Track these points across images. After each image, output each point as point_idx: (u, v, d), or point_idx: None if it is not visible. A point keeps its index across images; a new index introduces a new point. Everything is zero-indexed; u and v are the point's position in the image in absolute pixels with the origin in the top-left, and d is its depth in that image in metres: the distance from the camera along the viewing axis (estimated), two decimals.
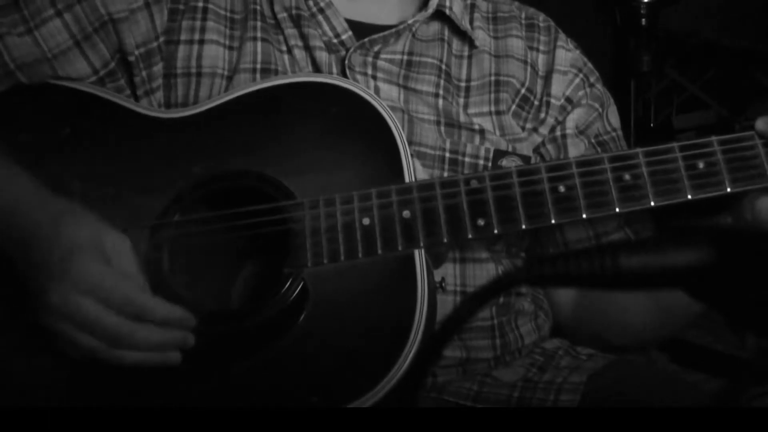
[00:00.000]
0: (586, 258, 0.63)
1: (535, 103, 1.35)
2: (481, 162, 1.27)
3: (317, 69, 1.27)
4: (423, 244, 1.12)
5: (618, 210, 1.13)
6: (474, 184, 1.14)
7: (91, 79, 1.27)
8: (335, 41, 1.29)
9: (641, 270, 0.63)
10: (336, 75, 1.26)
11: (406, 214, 1.13)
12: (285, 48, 1.28)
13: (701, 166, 1.13)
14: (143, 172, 1.20)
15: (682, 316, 1.30)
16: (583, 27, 1.67)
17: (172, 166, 1.19)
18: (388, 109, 1.17)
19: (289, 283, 1.11)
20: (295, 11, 1.29)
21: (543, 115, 1.35)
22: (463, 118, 1.29)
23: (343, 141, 1.19)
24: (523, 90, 1.35)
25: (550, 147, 1.35)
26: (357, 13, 1.31)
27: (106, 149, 1.23)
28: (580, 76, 1.38)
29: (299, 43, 1.28)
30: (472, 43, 1.34)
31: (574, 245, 1.34)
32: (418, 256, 1.12)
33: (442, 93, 1.30)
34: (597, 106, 1.38)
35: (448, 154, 1.27)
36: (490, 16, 1.39)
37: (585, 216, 1.13)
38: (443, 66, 1.31)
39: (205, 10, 1.28)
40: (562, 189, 1.13)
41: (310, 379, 1.11)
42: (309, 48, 1.28)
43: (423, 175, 1.22)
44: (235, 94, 1.21)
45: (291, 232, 1.13)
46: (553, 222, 1.13)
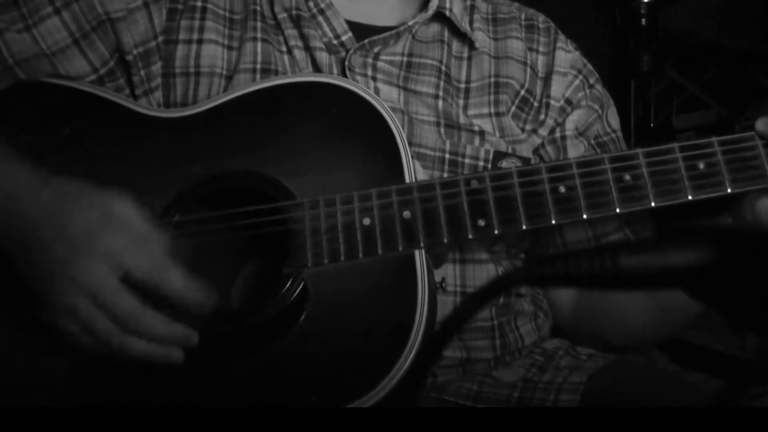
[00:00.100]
0: (586, 258, 0.63)
1: (535, 104, 1.35)
2: (480, 163, 1.27)
3: (317, 70, 1.27)
4: (423, 245, 1.12)
5: (618, 210, 1.13)
6: (474, 184, 1.14)
7: (90, 78, 1.27)
8: (335, 42, 1.29)
9: (641, 270, 0.63)
10: (336, 75, 1.26)
11: (407, 214, 1.13)
12: (285, 48, 1.28)
13: (702, 166, 1.13)
14: (143, 172, 1.20)
15: (682, 316, 1.30)
16: (583, 27, 1.67)
17: (171, 166, 1.19)
18: (388, 108, 1.17)
19: (289, 283, 1.11)
20: (295, 12, 1.29)
21: (542, 116, 1.35)
22: (462, 120, 1.29)
23: (343, 141, 1.19)
24: (522, 91, 1.35)
25: (549, 148, 1.35)
26: (357, 14, 1.31)
27: (106, 149, 1.22)
28: (580, 77, 1.38)
29: (299, 43, 1.28)
30: (471, 45, 1.34)
31: (574, 246, 1.34)
32: (419, 257, 1.12)
33: (441, 94, 1.30)
34: (597, 107, 1.38)
35: (447, 156, 1.27)
36: (489, 17, 1.39)
37: (585, 216, 1.13)
38: (443, 67, 1.31)
39: (203, 10, 1.28)
40: (562, 189, 1.13)
41: (310, 379, 1.11)
42: (309, 49, 1.28)
43: (423, 176, 1.22)
44: (235, 93, 1.21)
45: (291, 232, 1.13)
46: (553, 222, 1.13)
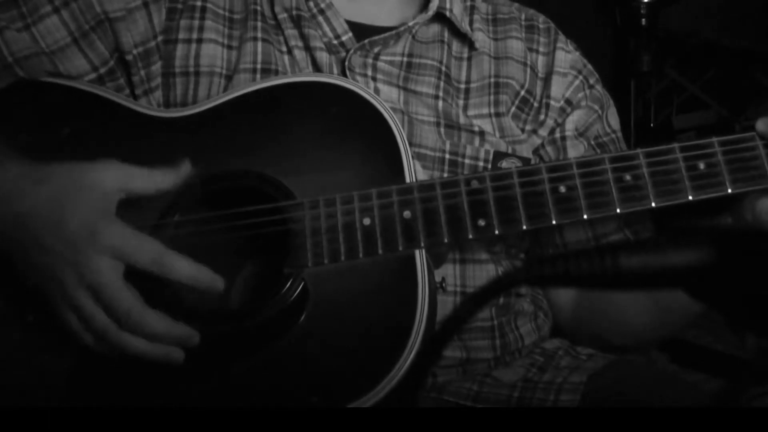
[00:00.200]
0: (586, 258, 0.63)
1: (535, 104, 1.35)
2: (480, 164, 1.27)
3: (317, 70, 1.27)
4: (423, 245, 1.12)
5: (619, 210, 1.13)
6: (474, 184, 1.14)
7: (90, 77, 1.27)
8: (335, 42, 1.29)
9: (641, 270, 0.63)
10: (337, 75, 1.26)
11: (407, 214, 1.13)
12: (285, 48, 1.28)
13: (702, 166, 1.13)
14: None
15: (682, 316, 1.30)
16: (583, 27, 1.67)
17: (171, 165, 1.19)
18: (388, 108, 1.17)
19: (289, 283, 1.11)
20: (295, 12, 1.29)
21: (542, 116, 1.35)
22: (462, 120, 1.29)
23: (343, 141, 1.18)
24: (522, 92, 1.35)
25: (549, 149, 1.35)
26: (357, 14, 1.31)
27: (106, 148, 1.22)
28: (580, 77, 1.38)
29: (299, 43, 1.28)
30: (471, 45, 1.34)
31: (574, 246, 1.34)
32: (419, 257, 1.12)
33: (441, 95, 1.30)
34: (596, 107, 1.38)
35: (448, 156, 1.27)
36: (489, 17, 1.39)
37: (586, 216, 1.13)
38: (443, 68, 1.31)
39: (203, 9, 1.28)
40: (562, 189, 1.13)
41: (310, 379, 1.11)
42: (309, 49, 1.28)
43: (423, 176, 1.22)
44: (235, 93, 1.21)
45: (291, 232, 1.13)
46: (553, 222, 1.13)
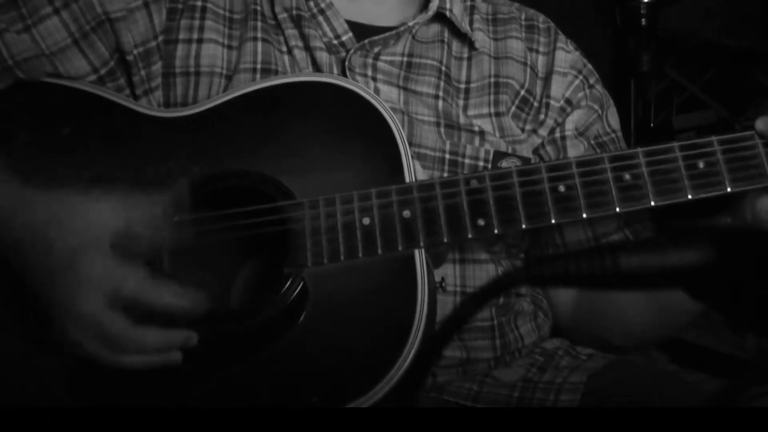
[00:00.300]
0: (586, 258, 0.63)
1: (535, 104, 1.35)
2: (480, 163, 1.27)
3: (317, 70, 1.27)
4: (423, 244, 1.12)
5: (618, 210, 1.13)
6: (474, 184, 1.14)
7: (90, 78, 1.27)
8: (335, 42, 1.29)
9: (641, 270, 0.63)
10: (337, 75, 1.26)
11: (407, 214, 1.13)
12: (285, 48, 1.28)
13: (701, 165, 1.13)
14: (143, 172, 1.20)
15: (682, 316, 1.30)
16: (583, 28, 1.67)
17: (171, 165, 1.19)
18: (388, 108, 1.17)
19: (289, 283, 1.11)
20: (295, 12, 1.29)
21: (542, 116, 1.35)
22: (462, 120, 1.29)
23: (343, 141, 1.18)
24: (522, 91, 1.35)
25: (549, 148, 1.35)
26: (357, 14, 1.31)
27: (106, 149, 1.22)
28: (580, 77, 1.38)
29: (299, 43, 1.28)
30: (471, 45, 1.34)
31: (574, 247, 1.34)
32: (419, 256, 1.12)
33: (441, 94, 1.30)
34: (596, 107, 1.38)
35: (448, 156, 1.27)
36: (489, 17, 1.39)
37: (585, 216, 1.13)
38: (443, 68, 1.31)
39: (203, 9, 1.28)
40: (562, 189, 1.13)
41: (310, 379, 1.11)
42: (309, 49, 1.27)
43: (423, 176, 1.22)
44: (235, 93, 1.21)
45: (291, 232, 1.13)
46: (553, 222, 1.13)
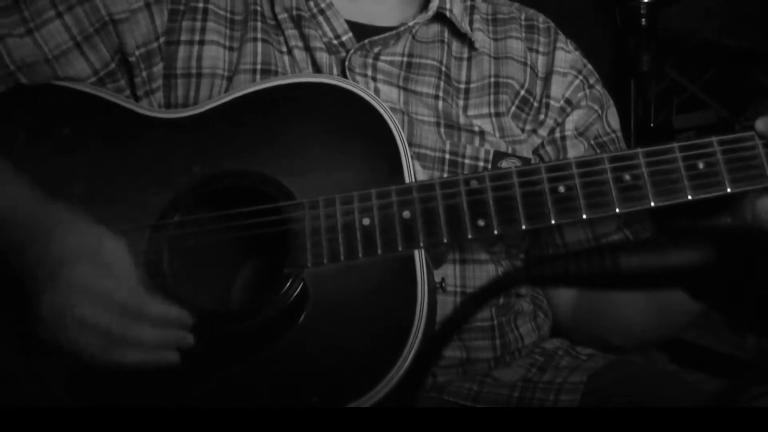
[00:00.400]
0: (586, 258, 0.63)
1: (535, 104, 1.35)
2: (480, 164, 1.27)
3: (318, 70, 1.27)
4: (423, 245, 1.12)
5: (618, 210, 1.13)
6: (474, 184, 1.14)
7: (91, 80, 1.27)
8: (335, 42, 1.29)
9: (641, 270, 0.63)
10: (336, 76, 1.26)
11: (406, 214, 1.13)
12: (285, 49, 1.28)
13: (701, 166, 1.13)
14: (144, 173, 1.20)
15: (682, 316, 1.30)
16: (583, 28, 1.67)
17: (172, 166, 1.19)
18: (388, 109, 1.17)
19: (289, 283, 1.12)
20: (295, 12, 1.29)
21: (542, 116, 1.35)
22: (462, 120, 1.29)
23: (343, 141, 1.19)
24: (522, 91, 1.35)
25: (549, 148, 1.35)
26: (357, 14, 1.31)
27: (106, 150, 1.23)
28: (580, 77, 1.38)
29: (299, 44, 1.28)
30: (471, 45, 1.34)
31: (574, 247, 1.34)
32: (418, 257, 1.12)
33: (441, 95, 1.30)
34: (596, 107, 1.38)
35: (448, 156, 1.27)
36: (489, 17, 1.39)
37: (585, 216, 1.13)
38: (443, 68, 1.31)
39: (205, 11, 1.28)
40: (562, 189, 1.13)
41: (310, 379, 1.11)
42: (309, 49, 1.28)
43: (423, 176, 1.22)
44: (236, 94, 1.21)
45: (291, 232, 1.13)
46: (553, 222, 1.13)
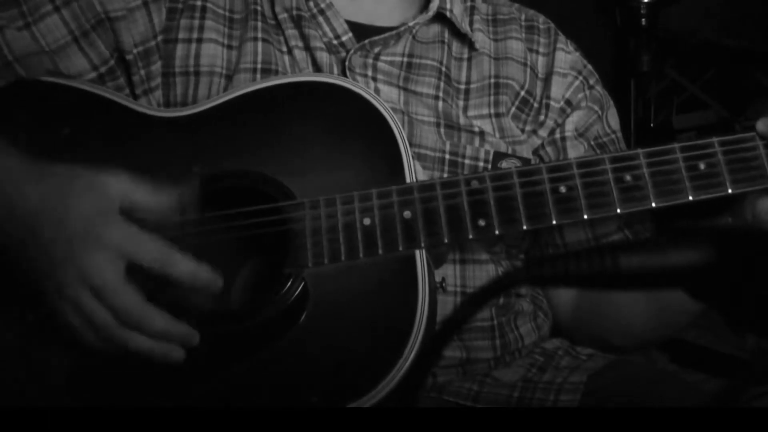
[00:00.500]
0: (586, 258, 0.63)
1: (535, 105, 1.35)
2: (480, 164, 1.27)
3: (318, 70, 1.27)
4: (424, 245, 1.12)
5: (619, 211, 1.13)
6: (475, 184, 1.14)
7: (90, 76, 1.27)
8: (335, 42, 1.29)
9: (641, 270, 0.63)
10: (337, 75, 1.26)
11: (407, 214, 1.13)
12: (285, 48, 1.28)
13: (702, 167, 1.13)
14: (142, 172, 1.20)
15: (682, 316, 1.30)
16: (583, 28, 1.67)
17: (171, 165, 1.19)
18: (389, 108, 1.17)
19: (289, 283, 1.11)
20: (295, 12, 1.29)
21: (542, 117, 1.35)
22: (462, 120, 1.29)
23: (343, 141, 1.18)
24: (522, 92, 1.35)
25: (549, 149, 1.35)
26: (358, 14, 1.31)
27: (105, 148, 1.22)
28: (580, 78, 1.38)
29: (300, 43, 1.28)
30: (471, 46, 1.34)
31: (574, 247, 1.34)
32: (419, 257, 1.12)
33: (441, 95, 1.30)
34: (596, 108, 1.38)
35: (448, 156, 1.27)
36: (489, 18, 1.39)
37: (586, 217, 1.13)
38: (443, 68, 1.31)
39: (203, 9, 1.28)
40: (563, 189, 1.13)
41: (310, 379, 1.11)
42: (309, 49, 1.28)
43: (423, 176, 1.22)
44: (235, 93, 1.21)
45: (291, 232, 1.13)
46: (554, 222, 1.13)
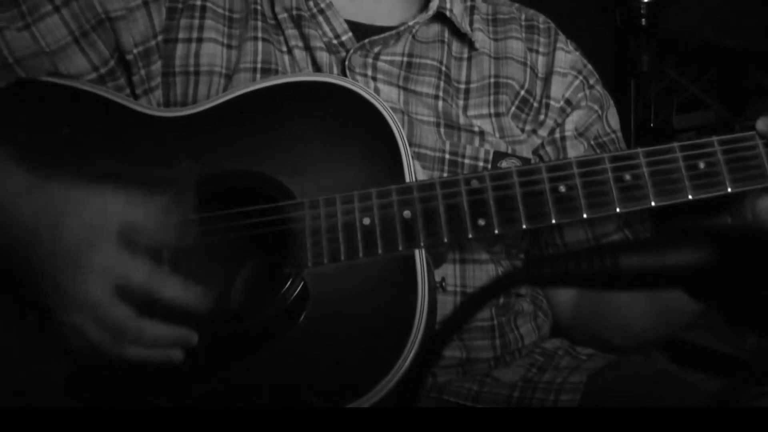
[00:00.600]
0: (586, 258, 0.63)
1: (535, 105, 1.35)
2: (480, 164, 1.27)
3: (318, 69, 1.27)
4: (423, 244, 1.12)
5: (618, 210, 1.13)
6: (474, 184, 1.14)
7: (90, 76, 1.26)
8: (335, 42, 1.29)
9: (641, 270, 0.63)
10: (337, 75, 1.26)
11: (407, 214, 1.13)
12: (285, 48, 1.28)
13: (702, 166, 1.13)
14: (142, 171, 1.20)
15: (682, 316, 1.30)
16: (583, 28, 1.67)
17: (171, 165, 1.19)
18: (388, 108, 1.17)
19: (289, 283, 1.11)
20: (295, 12, 1.29)
21: (542, 117, 1.35)
22: (462, 120, 1.29)
23: (343, 141, 1.18)
24: (522, 92, 1.35)
25: (549, 149, 1.35)
26: (357, 14, 1.31)
27: (105, 148, 1.22)
28: (580, 78, 1.38)
29: (300, 43, 1.28)
30: (471, 45, 1.34)
31: (574, 247, 1.34)
32: (419, 256, 1.12)
33: (441, 95, 1.30)
34: (596, 108, 1.38)
35: (447, 156, 1.27)
36: (489, 17, 1.39)
37: (585, 216, 1.13)
38: (443, 68, 1.31)
39: (203, 9, 1.28)
40: (562, 189, 1.13)
41: (310, 379, 1.11)
42: (309, 48, 1.28)
43: (423, 176, 1.22)
44: (235, 93, 1.21)
45: (291, 232, 1.13)
46: (553, 222, 1.13)
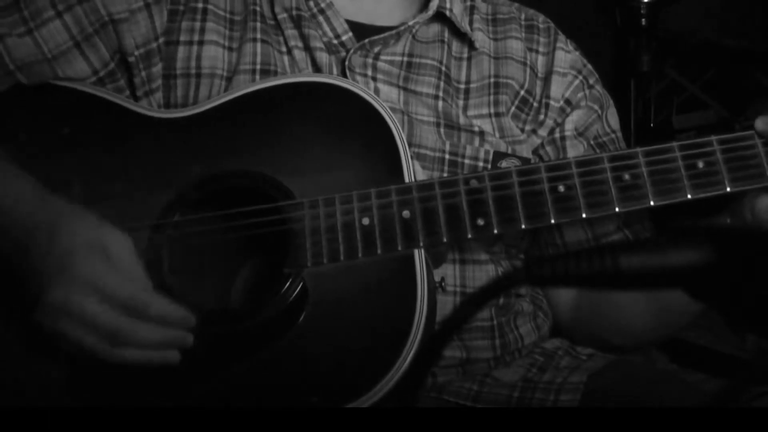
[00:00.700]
0: (586, 258, 0.63)
1: (534, 104, 1.35)
2: (480, 164, 1.27)
3: (317, 70, 1.27)
4: (423, 244, 1.12)
5: (618, 209, 1.13)
6: (474, 183, 1.14)
7: (90, 80, 1.27)
8: (335, 42, 1.29)
9: (641, 270, 0.63)
10: (336, 75, 1.26)
11: (406, 214, 1.13)
12: (285, 49, 1.28)
13: (701, 165, 1.13)
14: (143, 173, 1.20)
15: (682, 316, 1.30)
16: (583, 28, 1.67)
17: (172, 166, 1.19)
18: (387, 109, 1.17)
19: (288, 283, 1.12)
20: (295, 12, 1.29)
21: (542, 116, 1.35)
22: (462, 120, 1.29)
23: (342, 141, 1.19)
24: (522, 92, 1.35)
25: (549, 149, 1.35)
26: (357, 14, 1.31)
27: (106, 149, 1.23)
28: (580, 77, 1.38)
29: (299, 44, 1.28)
30: (471, 45, 1.34)
31: (574, 247, 1.34)
32: (418, 256, 1.12)
33: (441, 95, 1.30)
34: (596, 107, 1.38)
35: (447, 156, 1.27)
36: (489, 17, 1.39)
37: (585, 216, 1.13)
38: (443, 68, 1.31)
39: (204, 11, 1.28)
40: (561, 189, 1.13)
41: (309, 379, 1.11)
42: (309, 49, 1.28)
43: (422, 176, 1.22)
44: (235, 94, 1.21)
45: (291, 232, 1.13)
46: (552, 222, 1.13)
